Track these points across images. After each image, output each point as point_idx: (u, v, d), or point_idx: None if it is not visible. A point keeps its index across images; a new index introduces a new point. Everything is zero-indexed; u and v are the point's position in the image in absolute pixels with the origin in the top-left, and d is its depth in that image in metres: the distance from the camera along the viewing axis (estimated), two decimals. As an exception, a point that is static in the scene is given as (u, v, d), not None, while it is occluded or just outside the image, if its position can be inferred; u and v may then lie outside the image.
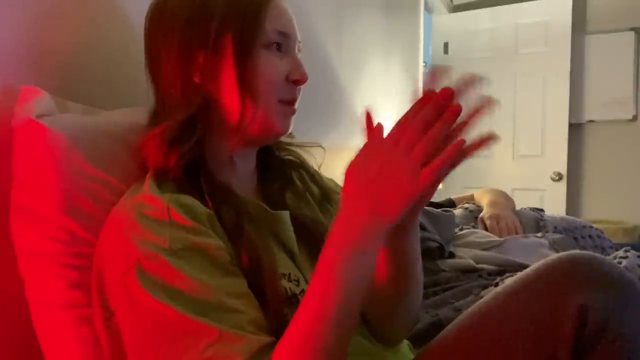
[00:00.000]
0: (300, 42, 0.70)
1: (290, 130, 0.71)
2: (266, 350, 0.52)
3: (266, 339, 0.53)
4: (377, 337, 0.73)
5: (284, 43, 0.67)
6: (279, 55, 0.66)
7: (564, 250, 1.25)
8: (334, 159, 1.95)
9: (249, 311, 0.55)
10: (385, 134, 0.52)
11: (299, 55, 0.70)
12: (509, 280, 0.65)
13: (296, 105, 0.70)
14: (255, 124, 0.66)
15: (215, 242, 0.57)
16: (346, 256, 0.51)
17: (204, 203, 0.60)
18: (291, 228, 0.71)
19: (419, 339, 0.82)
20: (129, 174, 0.67)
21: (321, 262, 0.53)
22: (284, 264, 0.66)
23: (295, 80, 0.67)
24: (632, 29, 3.12)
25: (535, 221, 1.55)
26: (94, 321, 0.60)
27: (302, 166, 0.81)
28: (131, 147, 0.69)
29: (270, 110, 0.66)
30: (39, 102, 0.68)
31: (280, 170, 0.78)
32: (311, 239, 0.72)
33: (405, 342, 0.81)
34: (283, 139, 0.77)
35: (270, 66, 0.65)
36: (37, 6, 0.75)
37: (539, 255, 1.20)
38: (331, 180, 0.88)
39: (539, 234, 1.38)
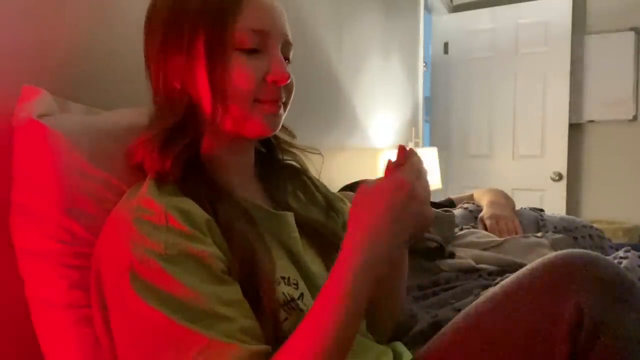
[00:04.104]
0: (287, 35, 0.67)
1: (277, 130, 0.68)
2: (255, 359, 0.52)
3: (255, 347, 0.53)
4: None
5: (261, 41, 0.63)
6: (255, 56, 0.63)
7: (564, 245, 1.25)
8: (333, 159, 1.95)
9: (240, 319, 0.54)
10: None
11: (291, 50, 0.68)
12: (506, 280, 0.64)
13: (281, 103, 0.67)
14: (230, 126, 0.64)
15: (210, 249, 0.56)
16: (356, 272, 0.54)
17: (204, 206, 0.60)
18: (295, 229, 0.70)
19: (419, 339, 0.82)
20: (130, 173, 0.67)
21: (333, 276, 0.55)
22: (284, 267, 0.65)
23: (274, 80, 0.64)
24: (632, 29, 3.12)
25: (535, 221, 1.55)
26: (93, 321, 0.60)
27: (305, 173, 0.81)
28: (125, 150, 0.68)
29: (247, 112, 0.64)
30: (40, 102, 0.68)
31: (284, 172, 0.78)
32: (319, 238, 0.72)
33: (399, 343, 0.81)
34: (286, 138, 0.76)
35: (243, 70, 0.62)
36: (37, 6, 0.75)
37: (538, 255, 1.19)
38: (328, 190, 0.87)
39: (539, 234, 1.38)
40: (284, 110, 0.69)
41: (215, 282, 0.54)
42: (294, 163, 0.80)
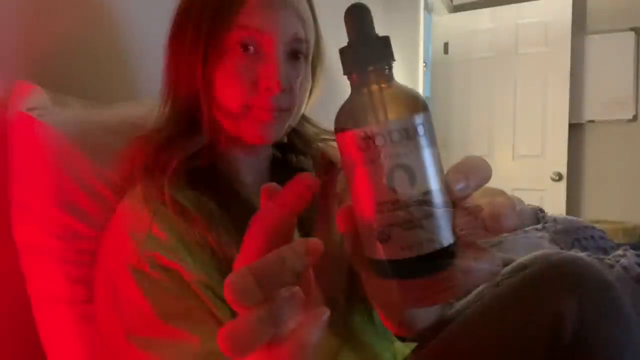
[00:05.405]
0: (297, 32, 0.62)
1: (273, 140, 0.64)
2: None
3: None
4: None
5: (260, 43, 0.59)
6: (250, 59, 0.59)
7: (564, 244, 1.25)
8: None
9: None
10: None
11: (305, 45, 0.63)
12: (505, 282, 0.65)
13: (277, 112, 0.61)
14: (227, 129, 0.63)
15: (189, 261, 0.55)
16: None
17: (212, 200, 0.60)
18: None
19: (419, 339, 0.81)
20: (131, 170, 0.67)
21: None
22: None
23: (267, 88, 0.59)
24: (632, 29, 3.12)
25: (534, 215, 1.55)
26: (95, 317, 0.60)
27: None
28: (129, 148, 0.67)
29: (239, 118, 0.61)
30: (33, 97, 0.67)
31: (292, 174, 0.77)
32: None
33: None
34: (312, 131, 0.77)
35: (234, 74, 0.59)
36: (33, 2, 0.75)
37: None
38: None
39: (539, 226, 1.38)
40: (289, 115, 0.64)
41: (188, 295, 0.53)
42: (303, 164, 0.78)
